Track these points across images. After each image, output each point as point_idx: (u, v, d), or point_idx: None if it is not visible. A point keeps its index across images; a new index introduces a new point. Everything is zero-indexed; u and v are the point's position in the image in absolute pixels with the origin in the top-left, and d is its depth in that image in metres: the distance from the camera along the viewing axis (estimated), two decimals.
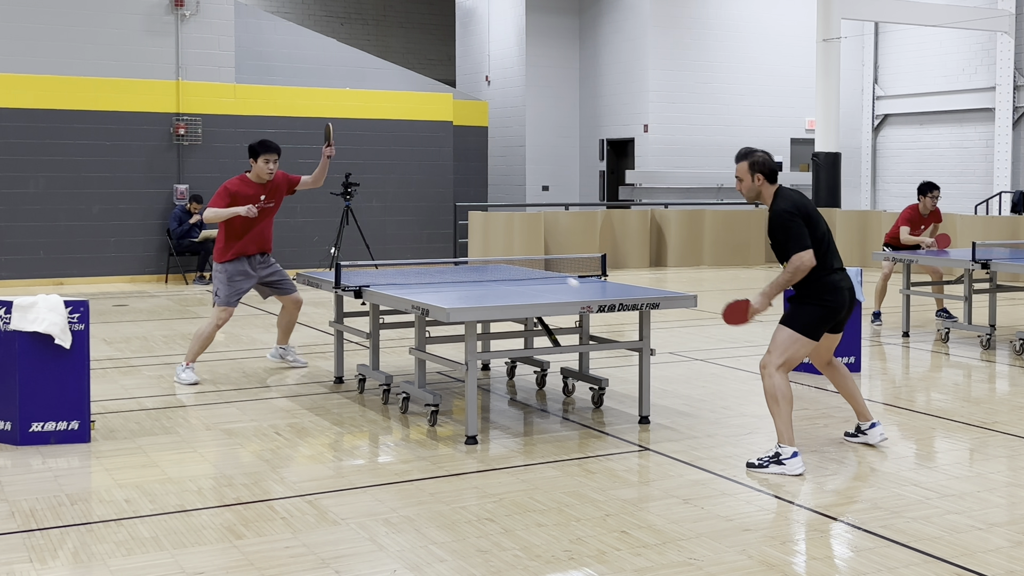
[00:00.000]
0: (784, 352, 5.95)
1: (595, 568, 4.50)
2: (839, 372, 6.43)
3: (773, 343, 6.02)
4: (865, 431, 6.50)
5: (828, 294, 5.98)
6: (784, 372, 5.96)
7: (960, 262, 10.35)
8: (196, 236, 16.85)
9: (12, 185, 16.29)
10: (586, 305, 6.71)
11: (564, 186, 24.63)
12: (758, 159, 6.06)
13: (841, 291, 6.03)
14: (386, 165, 19.18)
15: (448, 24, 29.33)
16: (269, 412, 7.50)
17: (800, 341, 5.96)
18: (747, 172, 6.07)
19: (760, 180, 6.05)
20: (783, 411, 5.92)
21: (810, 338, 5.98)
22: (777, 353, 5.96)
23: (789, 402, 5.94)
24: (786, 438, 5.92)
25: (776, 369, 5.94)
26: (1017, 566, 4.52)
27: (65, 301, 6.43)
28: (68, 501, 5.42)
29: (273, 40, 18.87)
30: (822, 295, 5.97)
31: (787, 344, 5.96)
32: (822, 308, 5.98)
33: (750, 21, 23.93)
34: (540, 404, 7.84)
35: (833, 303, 6.00)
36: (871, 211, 19.54)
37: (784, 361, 5.94)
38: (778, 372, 5.94)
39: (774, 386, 5.93)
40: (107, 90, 16.78)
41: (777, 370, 5.94)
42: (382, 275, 8.64)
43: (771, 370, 5.96)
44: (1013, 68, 22.31)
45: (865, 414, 6.50)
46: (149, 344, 10.57)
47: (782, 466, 5.88)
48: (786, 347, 5.95)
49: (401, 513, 5.22)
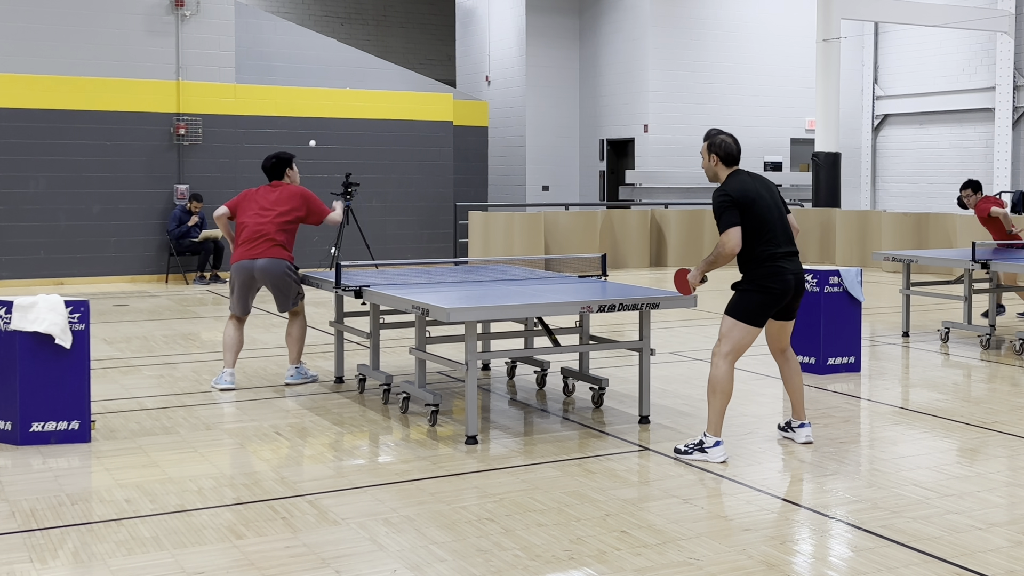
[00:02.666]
0: (728, 341, 6.08)
1: (595, 568, 4.50)
2: (789, 364, 6.47)
3: (719, 332, 6.18)
4: (794, 428, 6.56)
5: (769, 280, 6.06)
6: (730, 361, 6.10)
7: (960, 262, 10.35)
8: (196, 236, 16.85)
9: (12, 185, 16.29)
10: (586, 305, 6.72)
11: (564, 186, 24.63)
12: (716, 141, 6.23)
13: (784, 277, 6.07)
14: (386, 165, 19.18)
15: (448, 24, 29.33)
16: (269, 412, 7.50)
17: (741, 328, 6.08)
18: (706, 152, 6.26)
19: (716, 161, 6.22)
20: (717, 402, 6.10)
21: (751, 325, 6.08)
22: (724, 343, 6.10)
23: (727, 395, 6.10)
24: (713, 428, 6.10)
25: (723, 358, 6.09)
26: (1017, 566, 4.52)
27: (65, 301, 6.43)
28: (68, 501, 5.42)
29: (273, 40, 18.87)
30: (763, 281, 6.07)
31: (729, 332, 6.10)
32: (762, 294, 6.07)
33: (750, 21, 23.93)
34: (540, 404, 7.84)
35: (775, 289, 6.07)
36: (871, 211, 19.53)
37: (730, 349, 6.09)
38: (724, 361, 6.09)
39: (716, 377, 6.10)
40: (107, 90, 16.79)
41: (724, 359, 6.09)
42: (382, 275, 8.64)
43: (717, 360, 6.11)
44: (1013, 68, 22.31)
45: (800, 413, 6.55)
46: (149, 344, 10.57)
47: (704, 454, 6.08)
48: (729, 335, 6.09)
49: (401, 513, 5.22)
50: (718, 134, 6.26)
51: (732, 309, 6.13)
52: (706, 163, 6.26)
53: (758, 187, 6.15)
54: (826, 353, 8.71)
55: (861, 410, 7.74)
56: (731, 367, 6.09)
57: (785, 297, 6.11)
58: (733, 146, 6.22)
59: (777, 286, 6.06)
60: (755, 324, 6.08)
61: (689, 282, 6.31)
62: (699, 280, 6.29)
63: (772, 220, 6.10)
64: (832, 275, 8.74)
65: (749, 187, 6.11)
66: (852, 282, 8.76)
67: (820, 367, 8.70)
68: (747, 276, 6.12)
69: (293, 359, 8.51)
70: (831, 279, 8.72)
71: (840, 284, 8.73)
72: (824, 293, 8.69)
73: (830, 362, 8.73)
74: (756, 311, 6.07)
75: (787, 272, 6.09)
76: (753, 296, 6.08)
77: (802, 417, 6.54)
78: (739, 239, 5.97)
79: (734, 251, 6.00)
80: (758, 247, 6.05)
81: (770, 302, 6.08)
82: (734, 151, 6.21)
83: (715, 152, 6.21)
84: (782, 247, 6.11)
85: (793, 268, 6.13)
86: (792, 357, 6.48)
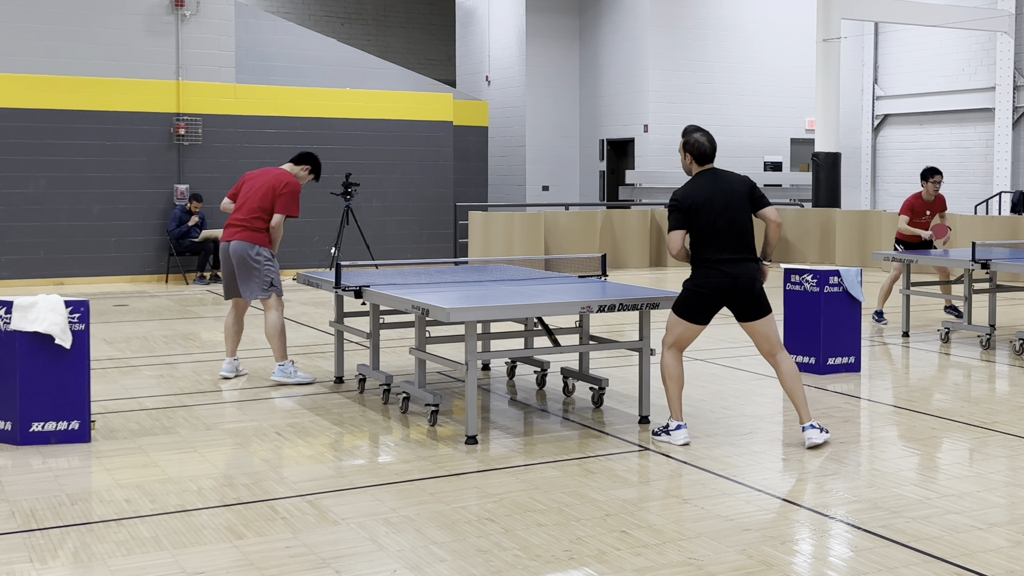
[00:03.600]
0: (671, 333, 6.49)
1: (595, 568, 4.50)
2: (780, 369, 6.51)
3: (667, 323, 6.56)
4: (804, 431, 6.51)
5: (699, 279, 6.37)
6: (674, 352, 6.47)
7: (960, 262, 10.35)
8: (196, 236, 16.85)
9: (12, 185, 16.29)
10: (586, 305, 6.72)
11: (564, 186, 24.63)
12: (690, 140, 6.45)
13: (713, 279, 6.32)
14: (386, 165, 19.18)
15: (448, 24, 29.34)
16: (269, 412, 7.50)
17: (677, 321, 6.46)
18: (681, 149, 6.50)
19: (689, 160, 6.47)
20: (670, 389, 6.48)
21: (685, 320, 6.43)
22: (667, 334, 6.51)
23: (675, 380, 6.46)
24: (674, 413, 6.49)
25: (667, 348, 6.49)
26: (1017, 566, 4.52)
27: (65, 301, 6.43)
28: (68, 501, 5.42)
29: (273, 40, 18.87)
30: (695, 281, 6.40)
31: (670, 324, 6.50)
32: (691, 292, 6.42)
33: (750, 21, 23.93)
34: (540, 404, 7.84)
35: (703, 290, 6.36)
36: (871, 211, 19.53)
37: (673, 341, 6.48)
38: (668, 351, 6.48)
39: (663, 365, 6.51)
40: (107, 90, 16.79)
41: (668, 349, 6.48)
42: (382, 275, 8.64)
43: (662, 349, 6.53)
44: (1013, 68, 22.31)
45: (801, 415, 6.54)
46: (149, 344, 10.57)
47: (669, 436, 6.47)
48: (671, 328, 6.49)
49: (401, 513, 5.22)
50: (694, 131, 6.45)
51: (673, 303, 6.53)
52: (681, 159, 6.51)
53: (714, 192, 6.32)
54: (826, 353, 8.71)
55: (861, 410, 7.74)
56: (676, 355, 6.48)
57: (717, 298, 6.36)
58: (706, 145, 6.40)
59: (705, 287, 6.36)
60: (689, 320, 6.43)
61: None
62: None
63: (718, 228, 6.31)
64: (832, 275, 8.73)
65: (701, 193, 6.32)
66: (852, 282, 8.76)
67: (820, 367, 8.70)
68: (689, 276, 6.48)
69: (275, 356, 8.45)
70: (831, 279, 8.72)
71: (840, 284, 8.73)
72: (824, 293, 8.69)
73: (830, 362, 8.72)
74: (686, 306, 6.44)
75: (720, 275, 6.31)
76: (684, 294, 6.46)
77: (806, 420, 6.50)
78: (678, 241, 6.31)
79: (674, 252, 6.37)
80: (700, 251, 6.36)
81: (699, 301, 6.40)
82: (707, 150, 6.41)
83: (688, 151, 6.45)
84: (725, 253, 6.31)
85: (732, 272, 6.32)
86: (784, 360, 6.49)
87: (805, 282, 8.80)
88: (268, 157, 18.01)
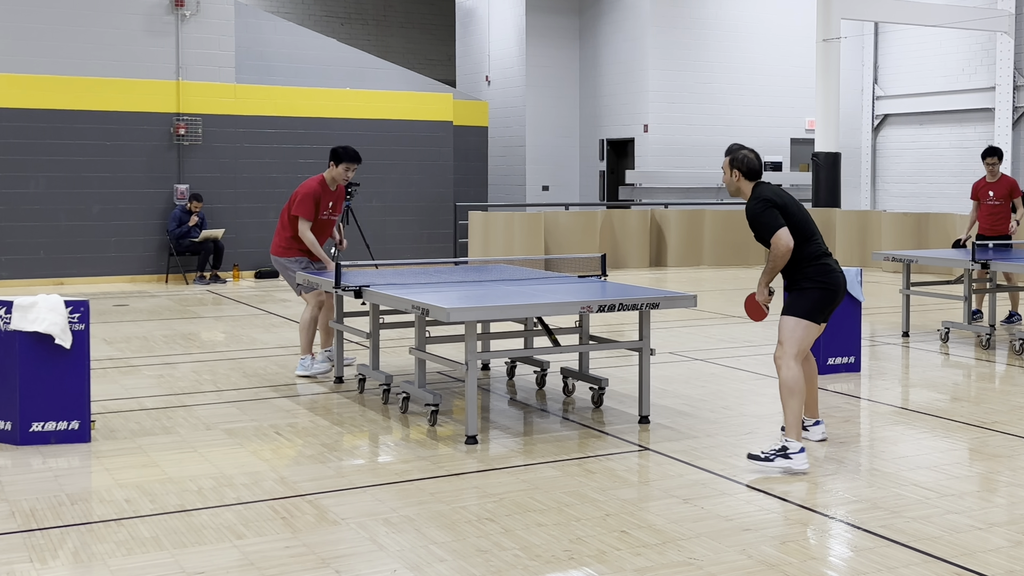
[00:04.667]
0: (794, 342, 6.04)
1: (595, 568, 4.50)
2: (810, 364, 6.46)
3: (781, 335, 6.09)
4: (808, 427, 6.55)
5: (823, 276, 6.10)
6: (799, 361, 6.04)
7: (960, 262, 10.35)
8: (196, 236, 16.85)
9: (12, 185, 16.29)
10: (586, 305, 6.72)
11: (564, 186, 24.63)
12: (739, 156, 6.21)
13: (835, 273, 6.15)
14: (386, 165, 19.18)
15: (448, 24, 29.33)
16: (269, 412, 7.50)
17: (805, 326, 6.06)
18: (728, 167, 6.25)
19: (738, 177, 6.21)
20: (796, 404, 5.98)
21: (814, 322, 6.09)
22: (789, 344, 6.03)
23: (800, 397, 6.01)
24: (795, 433, 5.97)
25: (792, 360, 6.01)
26: (1017, 566, 4.52)
27: (65, 301, 6.43)
28: (68, 501, 5.42)
29: (273, 40, 18.87)
30: (818, 278, 6.09)
31: (793, 332, 6.05)
32: (820, 290, 6.08)
33: (750, 21, 23.93)
34: (540, 404, 7.84)
35: (831, 284, 6.11)
36: (871, 211, 19.53)
37: (797, 350, 6.03)
38: (795, 362, 6.01)
39: (792, 378, 5.99)
40: (107, 90, 16.79)
41: (794, 360, 6.01)
42: (382, 275, 8.64)
43: (787, 361, 6.02)
44: (1013, 68, 22.31)
45: (813, 411, 6.57)
46: (149, 344, 10.57)
47: (789, 460, 5.87)
48: (794, 335, 6.04)
49: (401, 513, 5.22)
50: (739, 149, 6.25)
51: (794, 309, 6.09)
52: (727, 177, 6.24)
53: (787, 197, 6.22)
54: (826, 353, 8.71)
55: (861, 410, 7.74)
56: (800, 367, 6.05)
57: (839, 292, 6.17)
58: (755, 161, 6.22)
59: (832, 281, 6.11)
60: (817, 320, 6.11)
61: (760, 303, 6.26)
62: (767, 296, 6.23)
63: (812, 224, 6.19)
64: None
65: (781, 194, 6.18)
66: (852, 282, 8.75)
67: (820, 367, 8.69)
68: (801, 276, 6.11)
69: (301, 350, 8.72)
70: None
71: None
72: None
73: (830, 362, 8.73)
74: (817, 307, 6.09)
75: (837, 271, 6.18)
76: (813, 293, 6.08)
77: (816, 415, 6.56)
78: (790, 237, 5.97)
79: (789, 248, 5.97)
80: (807, 248, 6.10)
81: (827, 298, 6.11)
82: (756, 166, 6.22)
83: (737, 167, 6.20)
84: (824, 247, 6.21)
85: (839, 267, 6.23)
86: (811, 357, 6.50)
87: None
88: (268, 157, 18.04)
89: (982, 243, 10.97)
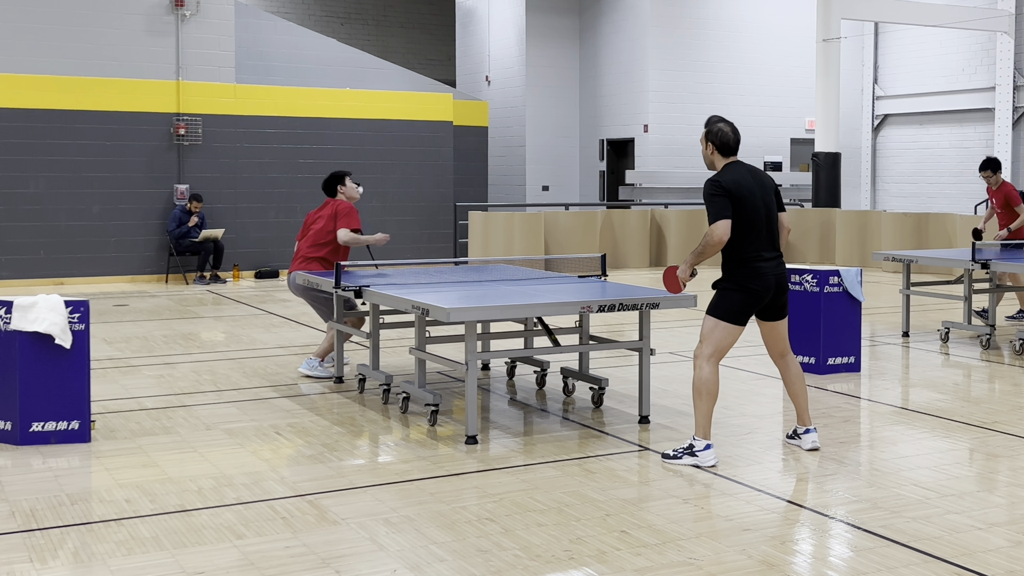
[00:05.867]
0: (711, 342, 6.02)
1: (595, 568, 4.50)
2: (789, 369, 6.37)
3: (701, 333, 6.10)
4: (799, 435, 6.44)
5: (748, 280, 5.98)
6: (714, 362, 6.02)
7: (960, 262, 10.35)
8: (196, 236, 16.85)
9: (12, 185, 16.29)
10: (586, 305, 6.72)
11: (564, 186, 24.63)
12: (713, 129, 6.13)
13: (765, 277, 6.00)
14: (386, 165, 19.18)
15: (448, 24, 29.33)
16: (269, 412, 7.50)
17: (723, 328, 6.01)
18: (704, 139, 6.17)
19: (712, 150, 6.13)
20: (704, 404, 6.02)
21: (734, 324, 6.01)
22: (706, 344, 6.03)
23: (712, 396, 6.02)
24: (702, 431, 6.02)
25: (706, 360, 6.01)
26: (1017, 566, 4.52)
27: (65, 301, 6.43)
28: (68, 501, 5.42)
29: (273, 40, 18.87)
30: (742, 281, 5.99)
31: (712, 333, 6.03)
32: (740, 293, 5.99)
33: (750, 21, 23.93)
34: (540, 404, 7.84)
35: (753, 288, 5.98)
36: (871, 211, 19.53)
37: (713, 351, 6.01)
38: (708, 363, 6.01)
39: (702, 379, 6.01)
40: (107, 90, 16.79)
41: (707, 361, 6.01)
42: (382, 275, 8.64)
43: (700, 361, 6.03)
44: (1013, 68, 22.31)
45: (804, 419, 6.42)
46: (149, 344, 10.57)
47: (695, 457, 5.99)
48: (712, 336, 6.03)
49: (401, 513, 5.22)
50: (717, 122, 6.15)
51: (715, 309, 6.06)
52: (703, 150, 6.18)
53: (752, 184, 6.04)
54: (826, 353, 8.71)
55: (861, 410, 7.74)
56: (715, 368, 6.03)
57: (766, 296, 6.05)
58: (730, 135, 6.10)
59: (757, 286, 5.99)
60: (737, 323, 6.02)
61: (679, 278, 6.24)
62: (689, 275, 6.19)
63: (759, 221, 6.01)
64: (832, 275, 8.73)
65: (743, 181, 6.01)
66: (852, 282, 8.76)
67: (820, 367, 8.70)
68: (729, 275, 6.04)
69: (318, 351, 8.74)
70: (831, 279, 8.72)
71: (840, 284, 8.73)
72: (824, 293, 8.69)
73: (830, 362, 8.73)
74: (737, 310, 6.00)
75: (768, 273, 6.02)
76: (734, 295, 6.01)
77: (807, 423, 6.43)
78: (727, 229, 5.88)
79: (722, 241, 5.89)
80: (741, 247, 5.96)
81: (751, 301, 6.01)
82: (730, 140, 6.10)
83: (711, 140, 6.12)
84: (765, 250, 6.04)
85: (775, 270, 6.07)
86: (793, 362, 6.38)
87: (805, 282, 8.80)
88: (268, 157, 18.04)
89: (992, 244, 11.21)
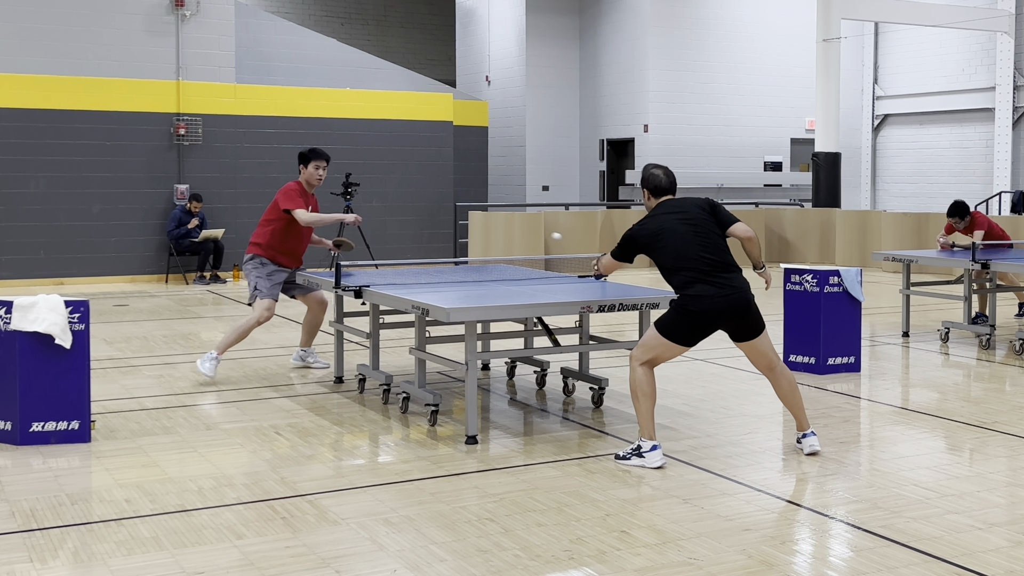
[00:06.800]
0: (648, 350, 6.19)
1: (595, 568, 4.50)
2: (779, 383, 6.35)
3: (642, 339, 6.32)
4: (799, 440, 6.40)
5: (689, 303, 6.11)
6: (648, 368, 6.17)
7: (960, 262, 10.35)
8: (196, 236, 16.85)
9: (12, 185, 16.29)
10: (586, 305, 6.72)
11: (564, 186, 24.63)
12: (645, 175, 6.50)
13: (706, 299, 6.05)
14: (386, 165, 19.18)
15: (448, 24, 29.33)
16: (269, 412, 7.50)
17: (661, 342, 6.16)
18: (641, 187, 6.54)
19: (647, 196, 6.48)
20: (643, 406, 6.12)
21: (672, 341, 6.15)
22: (643, 349, 6.20)
23: (649, 397, 6.12)
24: (646, 432, 6.09)
25: (640, 364, 6.16)
26: (1017, 566, 4.52)
27: (65, 301, 6.43)
28: (68, 501, 5.42)
29: (273, 40, 18.87)
30: (683, 303, 6.14)
31: (649, 341, 6.22)
32: (681, 315, 6.14)
33: (750, 21, 23.93)
34: (540, 404, 7.84)
35: (694, 311, 6.09)
36: (871, 211, 19.53)
37: (649, 359, 6.17)
38: (641, 367, 6.16)
39: (635, 380, 6.14)
40: (107, 90, 16.79)
41: (641, 365, 6.16)
42: (382, 275, 8.64)
43: (633, 364, 6.20)
44: (1013, 68, 22.31)
45: (801, 425, 6.40)
46: (149, 344, 10.57)
47: (642, 459, 6.06)
48: (648, 344, 6.20)
49: (401, 513, 5.22)
50: (652, 168, 6.46)
51: (659, 321, 6.23)
52: (644, 200, 6.53)
53: (676, 219, 6.22)
54: (826, 353, 8.71)
55: (861, 410, 7.74)
56: (649, 372, 6.15)
57: (709, 319, 6.09)
58: (661, 178, 6.41)
59: (696, 308, 6.08)
60: (673, 340, 6.14)
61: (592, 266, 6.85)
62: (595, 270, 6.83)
63: (690, 250, 6.13)
64: (832, 275, 8.74)
65: (665, 221, 6.25)
66: (852, 282, 8.76)
67: (820, 367, 8.70)
68: (676, 297, 6.26)
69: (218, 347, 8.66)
70: (831, 279, 8.72)
71: (840, 284, 8.73)
72: (824, 293, 8.69)
73: (830, 362, 8.73)
74: (676, 329, 6.14)
75: (712, 296, 6.05)
76: (674, 315, 6.17)
77: (804, 428, 6.39)
78: (609, 264, 6.60)
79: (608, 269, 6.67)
80: (674, 277, 6.17)
81: (689, 323, 6.11)
82: (661, 183, 6.40)
83: (644, 186, 6.47)
84: (707, 275, 6.08)
85: (720, 291, 6.07)
86: (783, 374, 6.34)
87: (805, 282, 8.80)
88: (268, 157, 18.04)
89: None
